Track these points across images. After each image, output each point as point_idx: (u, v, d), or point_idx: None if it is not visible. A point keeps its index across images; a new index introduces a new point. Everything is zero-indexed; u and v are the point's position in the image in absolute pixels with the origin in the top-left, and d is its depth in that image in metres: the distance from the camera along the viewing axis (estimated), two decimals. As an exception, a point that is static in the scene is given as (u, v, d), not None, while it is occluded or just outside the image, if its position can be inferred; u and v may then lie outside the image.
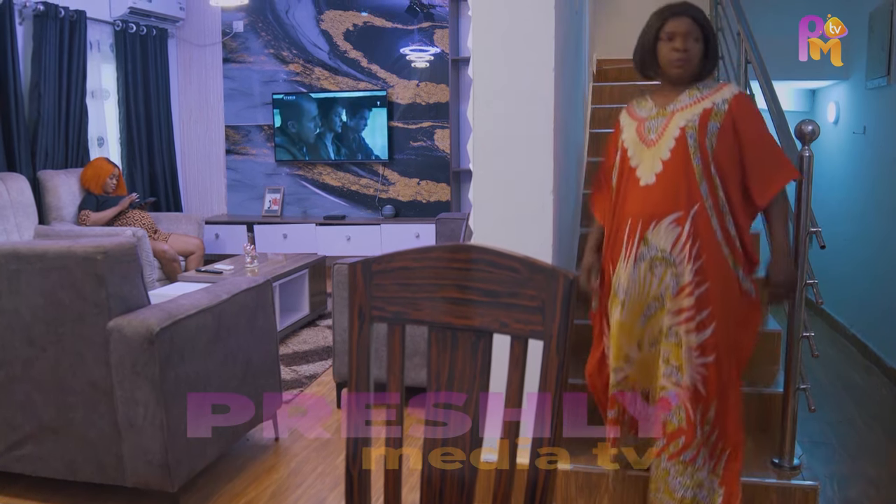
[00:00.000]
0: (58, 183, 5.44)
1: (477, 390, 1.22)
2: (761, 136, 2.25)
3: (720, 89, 2.28)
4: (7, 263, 2.57)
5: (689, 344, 2.21)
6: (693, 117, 2.23)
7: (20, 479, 2.75)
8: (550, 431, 1.17)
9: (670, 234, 2.20)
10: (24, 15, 5.39)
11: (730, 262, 2.24)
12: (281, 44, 6.97)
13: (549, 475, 1.18)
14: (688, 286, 2.21)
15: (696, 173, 2.21)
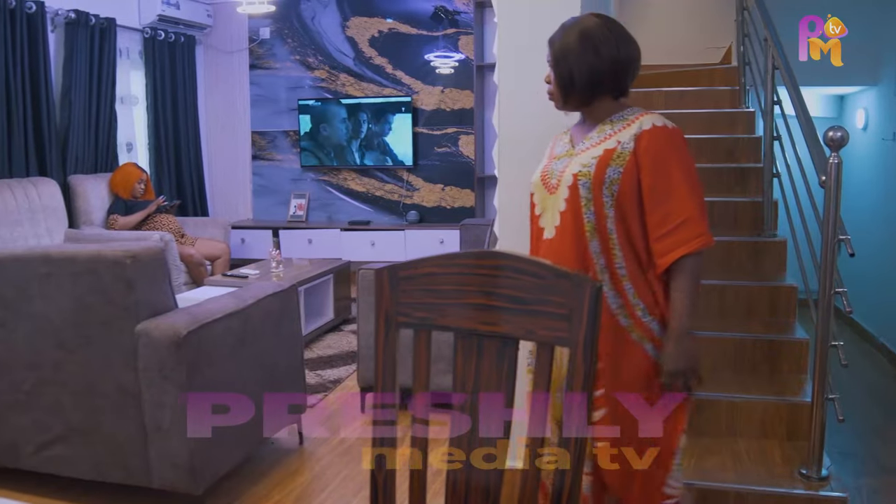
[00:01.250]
0: (87, 187, 5.52)
1: (503, 395, 1.22)
2: (668, 185, 1.78)
3: (633, 122, 1.85)
4: (38, 267, 2.61)
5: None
6: (590, 162, 1.83)
7: (50, 479, 2.79)
8: (576, 439, 1.16)
9: None
10: (55, 23, 5.47)
11: (632, 335, 1.83)
12: (307, 50, 7.02)
13: (574, 481, 1.17)
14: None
15: (586, 230, 1.83)
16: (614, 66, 1.84)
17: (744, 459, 2.76)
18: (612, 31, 1.85)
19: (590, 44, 1.83)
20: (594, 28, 1.84)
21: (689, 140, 4.70)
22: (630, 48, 1.86)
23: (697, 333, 1.88)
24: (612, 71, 1.84)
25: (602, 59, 1.83)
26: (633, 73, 1.89)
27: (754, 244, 3.76)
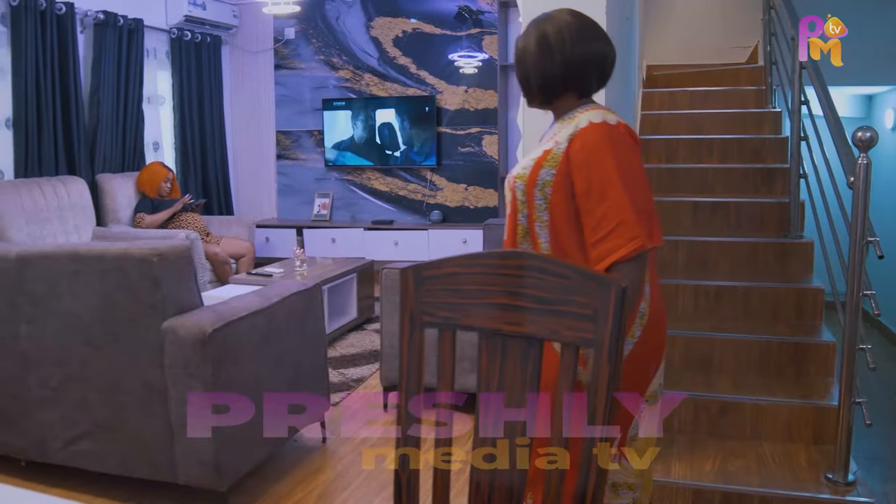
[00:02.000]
0: (115, 186, 5.59)
1: (528, 397, 1.22)
2: (602, 186, 1.67)
3: (574, 119, 1.77)
4: (67, 264, 2.65)
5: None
6: (529, 163, 1.79)
7: (78, 473, 2.83)
8: (600, 441, 1.16)
9: None
10: (84, 24, 5.55)
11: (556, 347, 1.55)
12: (331, 50, 7.05)
13: (599, 481, 1.17)
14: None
15: (518, 233, 1.79)
16: (566, 70, 1.77)
17: (769, 463, 2.74)
18: (572, 33, 1.77)
19: (545, 47, 1.78)
20: (553, 31, 1.78)
21: (715, 140, 4.69)
22: (591, 48, 1.78)
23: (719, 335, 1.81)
24: (564, 75, 1.77)
25: (555, 63, 1.77)
26: (597, 72, 1.81)
27: (780, 245, 3.73)
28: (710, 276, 3.69)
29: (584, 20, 1.81)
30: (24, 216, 4.75)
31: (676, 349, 3.30)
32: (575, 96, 1.82)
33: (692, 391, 3.06)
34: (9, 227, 4.63)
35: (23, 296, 2.75)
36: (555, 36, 1.77)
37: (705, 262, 3.78)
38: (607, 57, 1.82)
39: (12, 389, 2.85)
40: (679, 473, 2.68)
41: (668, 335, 3.19)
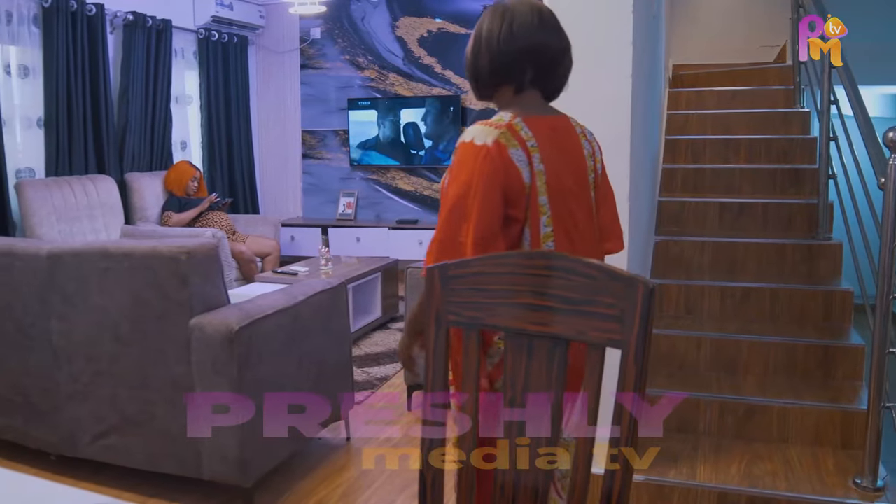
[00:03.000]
0: (143, 185, 5.65)
1: (553, 397, 1.22)
2: (443, 197, 1.68)
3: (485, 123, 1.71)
4: (98, 262, 2.69)
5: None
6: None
7: (106, 468, 2.87)
8: (627, 441, 1.15)
9: None
10: (114, 24, 5.62)
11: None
12: (357, 50, 7.08)
13: (624, 484, 1.17)
14: None
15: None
16: (492, 63, 1.71)
17: (795, 467, 2.71)
18: (509, 24, 1.69)
19: (476, 38, 1.75)
20: (488, 21, 1.73)
21: (742, 140, 4.66)
22: (530, 40, 1.69)
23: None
24: (490, 69, 1.72)
25: (481, 55, 1.73)
26: (534, 65, 1.71)
27: (808, 247, 3.69)
28: (737, 278, 3.65)
29: (532, 10, 1.71)
30: (55, 214, 4.82)
31: (702, 351, 3.28)
32: (511, 91, 1.75)
33: (718, 393, 3.03)
34: (40, 224, 4.70)
35: (54, 292, 2.79)
36: (487, 27, 1.72)
37: (732, 263, 3.75)
38: (549, 49, 1.72)
39: (43, 384, 2.90)
40: (704, 476, 2.66)
41: (693, 337, 3.17)
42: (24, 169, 5.04)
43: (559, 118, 1.80)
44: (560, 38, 1.76)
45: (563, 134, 1.77)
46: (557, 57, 1.75)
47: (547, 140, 1.69)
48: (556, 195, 1.67)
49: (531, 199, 1.63)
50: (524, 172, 1.63)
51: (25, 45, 4.96)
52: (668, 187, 4.43)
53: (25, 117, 5.02)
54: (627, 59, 2.54)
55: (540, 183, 1.64)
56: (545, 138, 1.69)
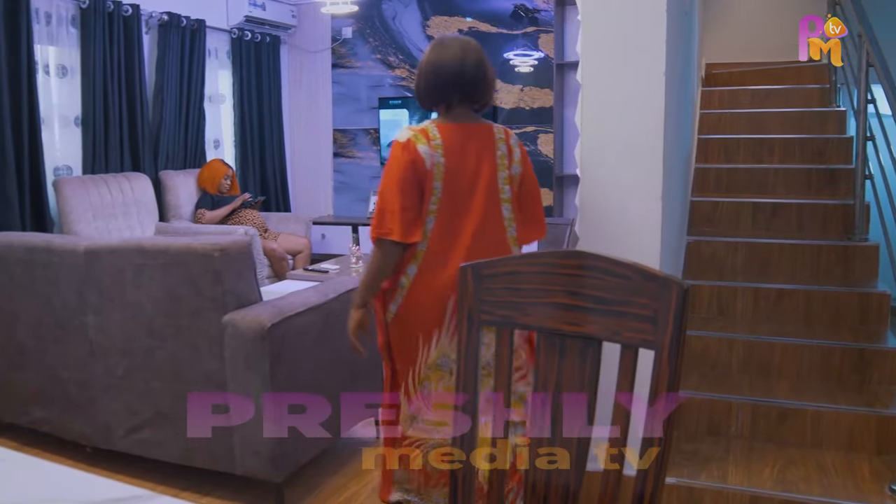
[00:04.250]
0: (177, 182, 5.73)
1: (585, 397, 1.21)
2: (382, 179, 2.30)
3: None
4: (133, 258, 2.73)
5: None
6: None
7: (140, 460, 2.91)
8: (660, 441, 1.15)
9: None
10: (149, 25, 5.70)
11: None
12: (388, 49, 7.11)
13: (656, 486, 1.16)
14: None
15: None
16: (427, 90, 2.36)
17: (829, 472, 2.67)
18: (428, 61, 2.33)
19: (419, 71, 2.39)
20: (426, 58, 2.35)
21: (776, 140, 4.60)
22: (445, 75, 2.29)
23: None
24: (426, 93, 2.37)
25: (420, 85, 2.39)
26: (458, 89, 2.29)
27: (844, 248, 3.63)
28: (771, 279, 3.61)
29: (458, 45, 2.31)
30: (92, 211, 4.91)
31: (734, 353, 3.25)
32: (444, 107, 2.34)
33: (750, 396, 3.00)
34: (77, 221, 4.79)
35: (91, 287, 2.84)
36: (425, 59, 2.35)
37: (766, 264, 3.71)
38: (467, 76, 2.28)
39: (79, 377, 2.95)
40: (736, 479, 2.64)
41: (725, 338, 3.14)
42: (62, 167, 5.13)
43: (477, 125, 2.33)
44: (478, 67, 2.30)
45: (475, 137, 2.30)
46: (477, 82, 2.30)
47: (454, 141, 2.26)
48: (449, 183, 2.24)
49: (429, 182, 2.22)
50: (427, 162, 2.22)
51: (64, 45, 5.05)
52: (701, 187, 4.39)
53: (63, 116, 5.11)
54: (661, 57, 2.52)
55: (437, 171, 2.23)
56: (452, 140, 2.26)
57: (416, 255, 2.25)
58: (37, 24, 4.79)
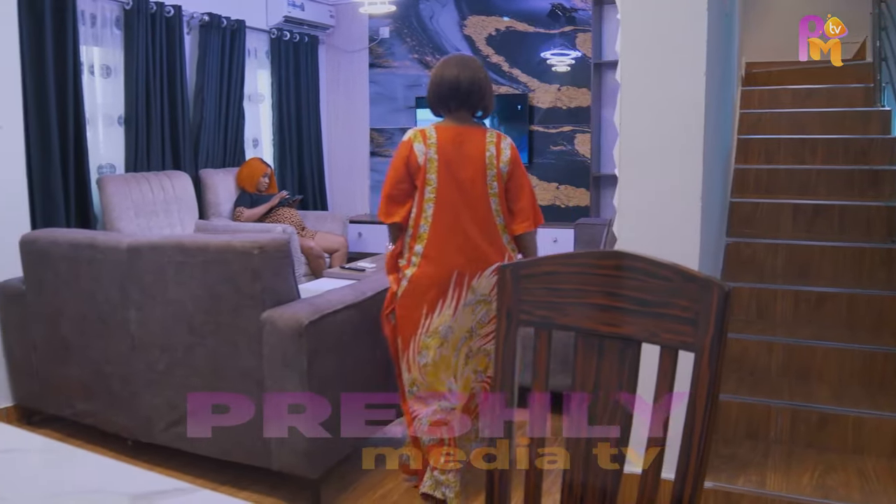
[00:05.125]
0: (216, 181, 5.81)
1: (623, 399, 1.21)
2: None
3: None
4: (174, 255, 2.78)
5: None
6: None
7: (179, 454, 2.96)
8: (698, 448, 1.14)
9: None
10: (191, 25, 5.79)
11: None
12: (425, 49, 7.13)
13: (695, 490, 1.15)
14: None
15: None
16: (431, 99, 2.81)
17: (871, 479, 2.62)
18: (438, 75, 2.79)
19: (429, 84, 2.84)
20: (433, 72, 2.82)
21: (818, 140, 4.53)
22: (444, 87, 2.74)
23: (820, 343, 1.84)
24: (432, 102, 2.82)
25: (428, 95, 2.84)
26: (455, 98, 2.74)
27: (888, 251, 3.56)
28: (812, 282, 3.56)
29: (457, 62, 2.80)
30: (134, 208, 5.00)
31: (774, 356, 3.21)
32: (447, 111, 2.78)
33: (790, 400, 2.96)
34: (119, 218, 4.88)
35: (133, 283, 2.90)
36: (433, 73, 2.82)
37: (806, 267, 3.65)
38: (462, 87, 2.72)
39: (122, 372, 3.01)
40: (775, 485, 2.60)
41: (764, 341, 3.10)
42: (105, 165, 5.24)
43: (471, 129, 2.75)
44: (472, 82, 2.74)
45: (466, 139, 2.71)
46: (471, 94, 2.74)
47: (448, 140, 2.69)
48: (444, 176, 2.66)
49: (421, 174, 2.67)
50: (420, 158, 2.67)
51: (108, 46, 5.15)
52: (741, 188, 4.34)
53: (107, 115, 5.22)
54: (701, 57, 2.50)
55: (430, 165, 2.66)
56: (446, 139, 2.69)
57: (420, 236, 2.69)
58: (82, 26, 4.89)
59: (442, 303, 2.67)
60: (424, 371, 2.71)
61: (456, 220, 2.66)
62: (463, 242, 2.66)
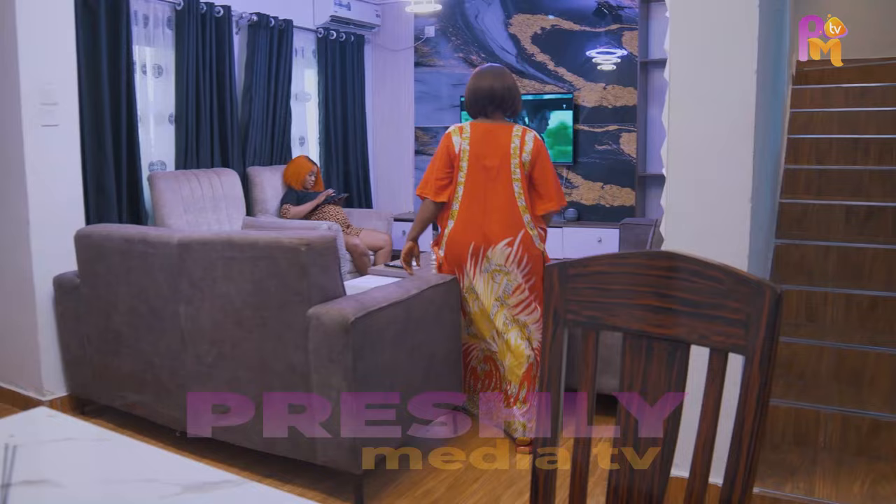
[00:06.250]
0: (264, 178, 5.89)
1: (671, 401, 1.20)
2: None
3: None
4: (223, 250, 2.83)
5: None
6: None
7: (225, 446, 3.02)
8: (748, 452, 1.13)
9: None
10: (239, 25, 5.87)
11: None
12: (470, 48, 7.13)
13: (743, 497, 1.14)
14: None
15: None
16: (468, 104, 3.42)
17: (926, 488, 2.56)
18: (475, 82, 3.38)
19: (466, 90, 3.44)
20: (470, 82, 3.42)
21: (871, 140, 4.42)
22: (480, 93, 3.34)
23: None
24: (469, 106, 3.43)
25: (466, 100, 3.45)
26: (473, 106, 3.39)
27: (946, 255, 3.46)
28: (864, 286, 3.47)
29: (490, 72, 3.38)
30: (183, 205, 5.10)
31: (824, 361, 3.14)
32: (483, 114, 3.36)
33: (840, 406, 2.90)
34: (169, 214, 4.98)
35: (183, 278, 2.96)
36: (469, 81, 3.41)
37: (859, 270, 3.56)
38: (496, 93, 3.32)
39: (171, 364, 3.08)
40: (823, 492, 2.55)
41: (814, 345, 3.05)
42: (156, 162, 5.35)
43: (500, 125, 3.32)
44: (504, 85, 3.33)
45: (494, 134, 3.29)
46: (504, 96, 3.32)
47: (479, 134, 3.30)
48: (473, 164, 3.28)
49: (457, 162, 3.31)
50: (456, 147, 3.32)
51: (159, 46, 5.26)
52: (790, 189, 4.26)
53: (158, 114, 5.32)
54: (752, 54, 2.46)
55: (463, 154, 3.30)
56: (478, 134, 3.31)
57: (452, 213, 3.35)
58: (135, 26, 5.00)
59: (464, 268, 3.31)
60: (472, 317, 3.35)
61: (479, 202, 3.27)
62: (481, 220, 3.25)
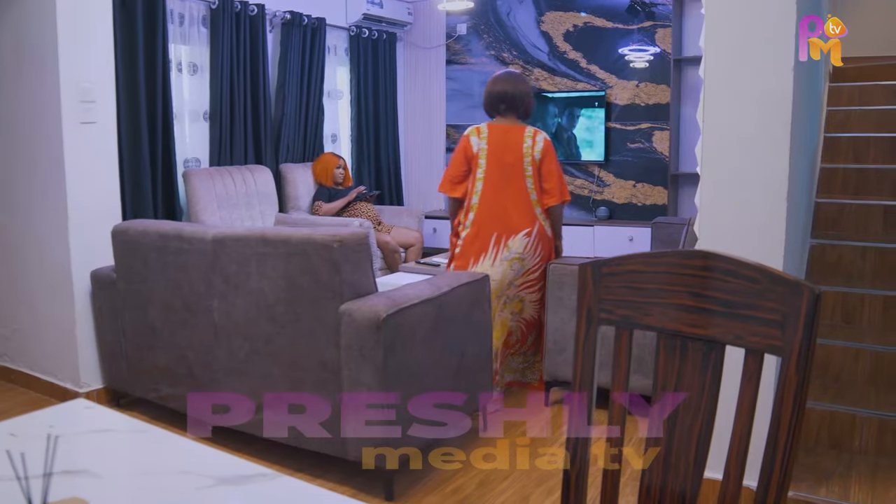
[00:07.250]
0: (296, 175, 5.94)
1: (706, 402, 1.19)
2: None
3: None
4: (256, 246, 2.86)
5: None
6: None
7: (257, 440, 3.04)
8: (783, 456, 1.11)
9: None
10: (273, 23, 5.92)
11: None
12: (502, 45, 7.11)
13: (778, 498, 1.13)
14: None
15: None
16: (485, 105, 3.82)
17: (966, 494, 2.51)
18: (490, 86, 3.80)
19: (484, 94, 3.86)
20: (487, 85, 3.82)
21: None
22: (494, 96, 3.75)
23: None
24: (485, 107, 3.82)
25: (484, 103, 3.83)
26: (490, 106, 3.79)
27: None
28: (903, 287, 3.41)
29: (506, 78, 3.80)
30: (217, 201, 5.16)
31: (860, 363, 3.09)
32: (497, 114, 3.74)
33: (877, 410, 2.85)
34: (204, 211, 5.04)
35: (217, 273, 2.99)
36: (487, 85, 3.81)
37: (898, 271, 3.50)
38: (509, 95, 3.71)
39: (204, 359, 3.12)
40: (859, 497, 2.51)
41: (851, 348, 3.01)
42: (191, 159, 5.42)
43: (514, 126, 3.69)
44: (517, 88, 3.73)
45: (509, 134, 3.66)
46: (516, 98, 3.71)
47: (496, 135, 3.67)
48: (491, 161, 3.63)
49: (475, 160, 3.66)
50: (475, 147, 3.66)
51: (194, 44, 5.32)
52: (827, 188, 4.19)
53: (193, 111, 5.39)
54: (789, 51, 2.42)
55: (482, 153, 3.65)
56: (495, 134, 3.67)
57: (472, 207, 3.66)
58: (171, 25, 5.07)
59: (484, 256, 3.61)
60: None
61: (498, 195, 3.61)
62: (501, 212, 3.59)
